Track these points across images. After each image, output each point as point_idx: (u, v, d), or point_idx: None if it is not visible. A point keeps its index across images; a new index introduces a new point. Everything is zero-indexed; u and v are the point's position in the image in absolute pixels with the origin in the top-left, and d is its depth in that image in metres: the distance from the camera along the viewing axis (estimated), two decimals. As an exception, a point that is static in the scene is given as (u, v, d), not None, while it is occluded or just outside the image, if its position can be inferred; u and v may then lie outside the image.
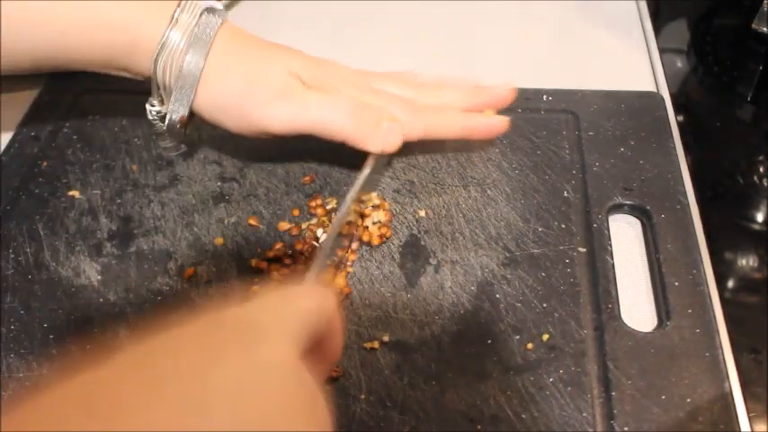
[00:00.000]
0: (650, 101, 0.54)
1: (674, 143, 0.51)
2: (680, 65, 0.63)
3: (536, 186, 0.48)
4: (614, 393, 0.37)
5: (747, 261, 0.47)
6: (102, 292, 0.43)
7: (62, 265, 0.44)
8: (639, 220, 0.47)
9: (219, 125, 0.45)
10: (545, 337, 0.39)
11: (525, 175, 0.48)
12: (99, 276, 0.44)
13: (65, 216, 0.47)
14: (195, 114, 0.45)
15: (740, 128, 0.58)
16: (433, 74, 0.50)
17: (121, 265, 0.44)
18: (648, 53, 0.61)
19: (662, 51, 0.61)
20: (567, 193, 0.47)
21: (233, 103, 0.44)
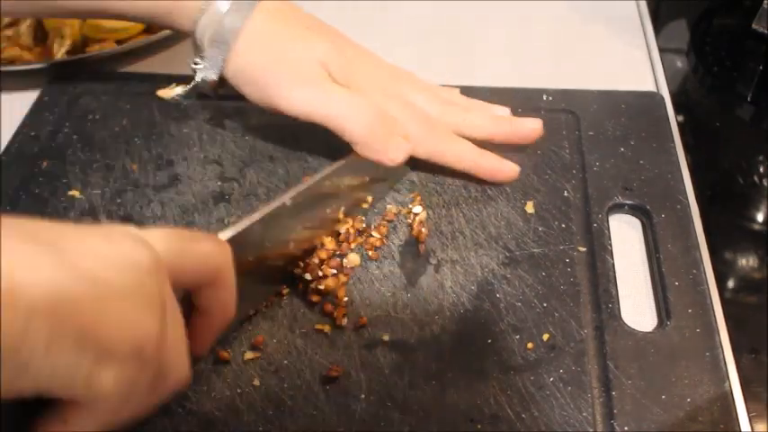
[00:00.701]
0: (650, 101, 0.54)
1: (674, 143, 0.51)
2: (680, 65, 0.63)
3: (536, 186, 0.48)
4: (614, 393, 0.37)
5: (747, 261, 0.47)
6: (103, 291, 0.43)
7: (62, 265, 0.44)
8: (639, 219, 0.47)
9: (243, 93, 0.47)
10: (545, 336, 0.39)
11: (525, 175, 0.48)
12: (99, 276, 0.44)
13: (65, 216, 0.47)
14: (226, 82, 0.47)
15: (740, 128, 0.58)
16: (466, 98, 0.51)
17: (121, 264, 0.44)
18: (648, 53, 0.61)
19: (662, 51, 0.61)
20: (567, 192, 0.47)
21: (258, 77, 0.46)
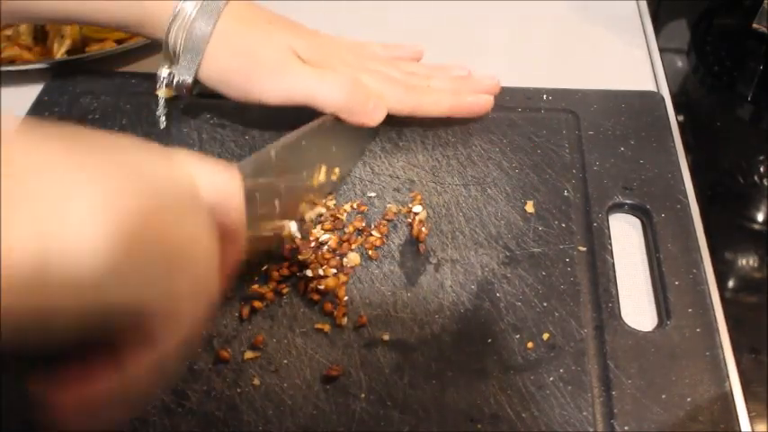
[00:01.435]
0: (650, 100, 0.54)
1: (674, 143, 0.51)
2: (680, 65, 0.63)
3: (536, 185, 0.48)
4: (614, 392, 0.37)
5: (747, 261, 0.47)
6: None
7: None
8: (640, 219, 0.47)
9: (221, 93, 0.49)
10: (545, 336, 0.39)
11: (525, 174, 0.48)
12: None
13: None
14: (200, 82, 0.49)
15: (740, 128, 0.58)
16: (425, 66, 0.54)
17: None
18: (648, 53, 0.61)
19: (662, 51, 0.61)
20: (568, 192, 0.47)
21: (231, 78, 0.48)
